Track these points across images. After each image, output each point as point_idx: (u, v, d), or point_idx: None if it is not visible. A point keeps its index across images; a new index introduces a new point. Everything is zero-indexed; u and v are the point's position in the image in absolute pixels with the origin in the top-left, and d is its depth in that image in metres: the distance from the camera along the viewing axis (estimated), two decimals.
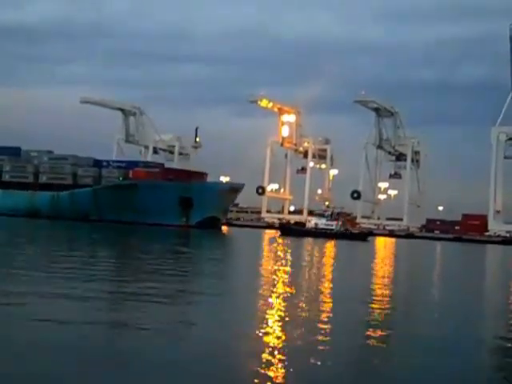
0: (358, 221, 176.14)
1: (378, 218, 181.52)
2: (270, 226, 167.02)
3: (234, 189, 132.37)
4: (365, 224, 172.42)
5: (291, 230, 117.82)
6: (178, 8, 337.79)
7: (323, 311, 22.11)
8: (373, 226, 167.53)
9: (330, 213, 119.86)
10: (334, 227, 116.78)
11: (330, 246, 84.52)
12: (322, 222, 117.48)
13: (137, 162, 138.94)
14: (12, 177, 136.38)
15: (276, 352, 14.81)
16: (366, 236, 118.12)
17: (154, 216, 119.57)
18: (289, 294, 26.07)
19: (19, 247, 46.50)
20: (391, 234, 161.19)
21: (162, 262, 39.49)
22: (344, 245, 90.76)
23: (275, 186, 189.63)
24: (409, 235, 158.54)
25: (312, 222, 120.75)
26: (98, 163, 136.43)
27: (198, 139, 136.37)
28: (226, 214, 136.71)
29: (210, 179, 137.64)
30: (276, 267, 40.58)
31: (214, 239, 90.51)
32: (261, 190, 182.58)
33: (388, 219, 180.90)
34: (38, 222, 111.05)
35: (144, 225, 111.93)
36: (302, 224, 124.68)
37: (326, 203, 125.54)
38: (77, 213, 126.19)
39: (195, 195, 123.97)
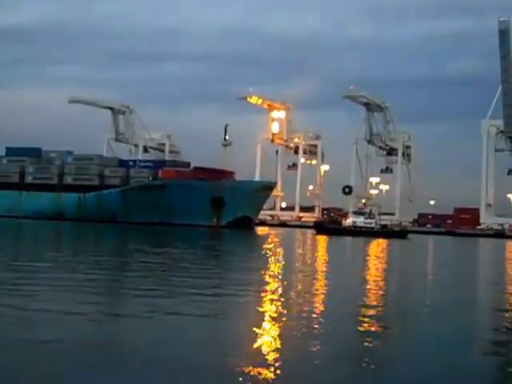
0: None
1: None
2: (262, 223, 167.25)
3: (267, 187, 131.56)
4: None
5: (327, 229, 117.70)
6: (166, 8, 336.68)
7: None
8: None
9: (368, 210, 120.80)
10: (373, 225, 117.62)
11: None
12: (360, 220, 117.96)
13: (164, 162, 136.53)
14: (35, 178, 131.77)
15: None
16: (405, 233, 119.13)
17: (185, 216, 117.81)
18: None
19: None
20: None
21: None
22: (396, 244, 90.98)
23: None
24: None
25: (349, 219, 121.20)
26: (123, 163, 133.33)
27: (227, 137, 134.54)
28: (258, 214, 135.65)
29: None
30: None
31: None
32: None
33: (380, 214, 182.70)
34: (68, 224, 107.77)
35: (174, 226, 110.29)
36: (338, 222, 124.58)
37: (363, 201, 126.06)
38: (104, 214, 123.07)
39: (227, 194, 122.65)
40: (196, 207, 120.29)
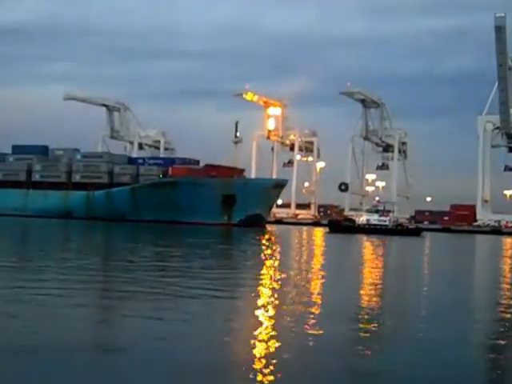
0: (346, 213, 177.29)
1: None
2: None
3: (279, 185, 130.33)
4: (353, 217, 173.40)
5: (341, 227, 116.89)
6: (162, 4, 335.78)
7: None
8: None
9: (382, 208, 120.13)
10: (387, 223, 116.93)
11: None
12: (374, 218, 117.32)
13: (173, 159, 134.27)
14: (43, 176, 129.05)
15: None
16: (419, 231, 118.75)
17: (196, 214, 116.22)
18: None
19: None
20: None
21: None
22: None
23: None
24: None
25: (363, 217, 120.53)
26: (132, 161, 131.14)
27: (238, 134, 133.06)
28: (269, 212, 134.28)
29: None
30: None
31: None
32: None
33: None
34: (77, 223, 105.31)
35: (184, 224, 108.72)
36: (352, 220, 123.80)
37: (377, 198, 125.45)
38: (113, 213, 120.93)
39: (239, 192, 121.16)
40: (207, 205, 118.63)
